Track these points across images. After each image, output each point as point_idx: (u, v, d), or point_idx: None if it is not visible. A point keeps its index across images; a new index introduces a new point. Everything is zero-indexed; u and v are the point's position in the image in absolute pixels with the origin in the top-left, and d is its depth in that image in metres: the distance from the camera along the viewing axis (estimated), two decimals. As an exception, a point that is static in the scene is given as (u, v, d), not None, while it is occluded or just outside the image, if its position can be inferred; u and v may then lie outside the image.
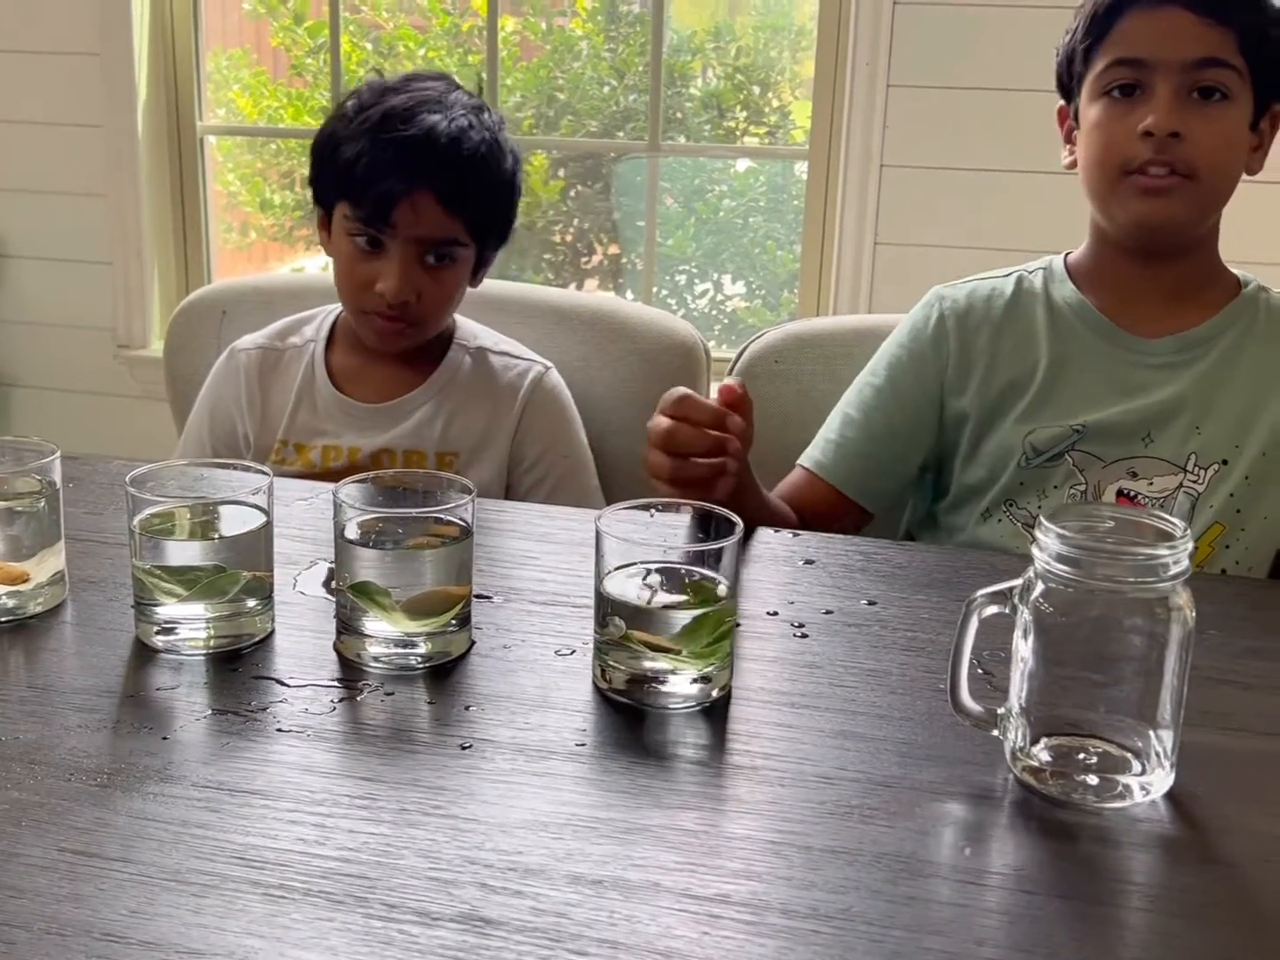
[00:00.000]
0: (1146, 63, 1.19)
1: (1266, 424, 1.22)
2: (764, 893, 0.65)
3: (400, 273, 1.36)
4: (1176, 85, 1.18)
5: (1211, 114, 1.19)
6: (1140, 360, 1.25)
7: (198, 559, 0.90)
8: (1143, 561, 0.72)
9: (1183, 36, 1.18)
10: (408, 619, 0.87)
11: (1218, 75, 1.18)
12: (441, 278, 1.40)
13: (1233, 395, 1.23)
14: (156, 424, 2.06)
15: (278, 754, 0.77)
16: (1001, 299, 1.31)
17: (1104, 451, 1.24)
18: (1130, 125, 1.19)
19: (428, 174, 1.34)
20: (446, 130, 1.34)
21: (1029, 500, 1.25)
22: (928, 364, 1.31)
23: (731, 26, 3.40)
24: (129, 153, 2.80)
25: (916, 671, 0.89)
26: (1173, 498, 1.22)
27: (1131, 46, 1.20)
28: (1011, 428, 1.26)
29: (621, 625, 0.83)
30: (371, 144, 1.34)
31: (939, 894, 0.66)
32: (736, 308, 3.57)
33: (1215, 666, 0.90)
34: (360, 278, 1.39)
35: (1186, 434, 1.23)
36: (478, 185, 1.37)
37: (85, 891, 0.64)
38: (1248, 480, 1.22)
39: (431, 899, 0.64)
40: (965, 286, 1.33)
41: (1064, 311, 1.28)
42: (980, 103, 2.43)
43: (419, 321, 1.41)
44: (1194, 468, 1.22)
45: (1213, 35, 1.18)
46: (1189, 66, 1.18)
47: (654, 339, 1.54)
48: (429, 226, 1.36)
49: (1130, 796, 0.74)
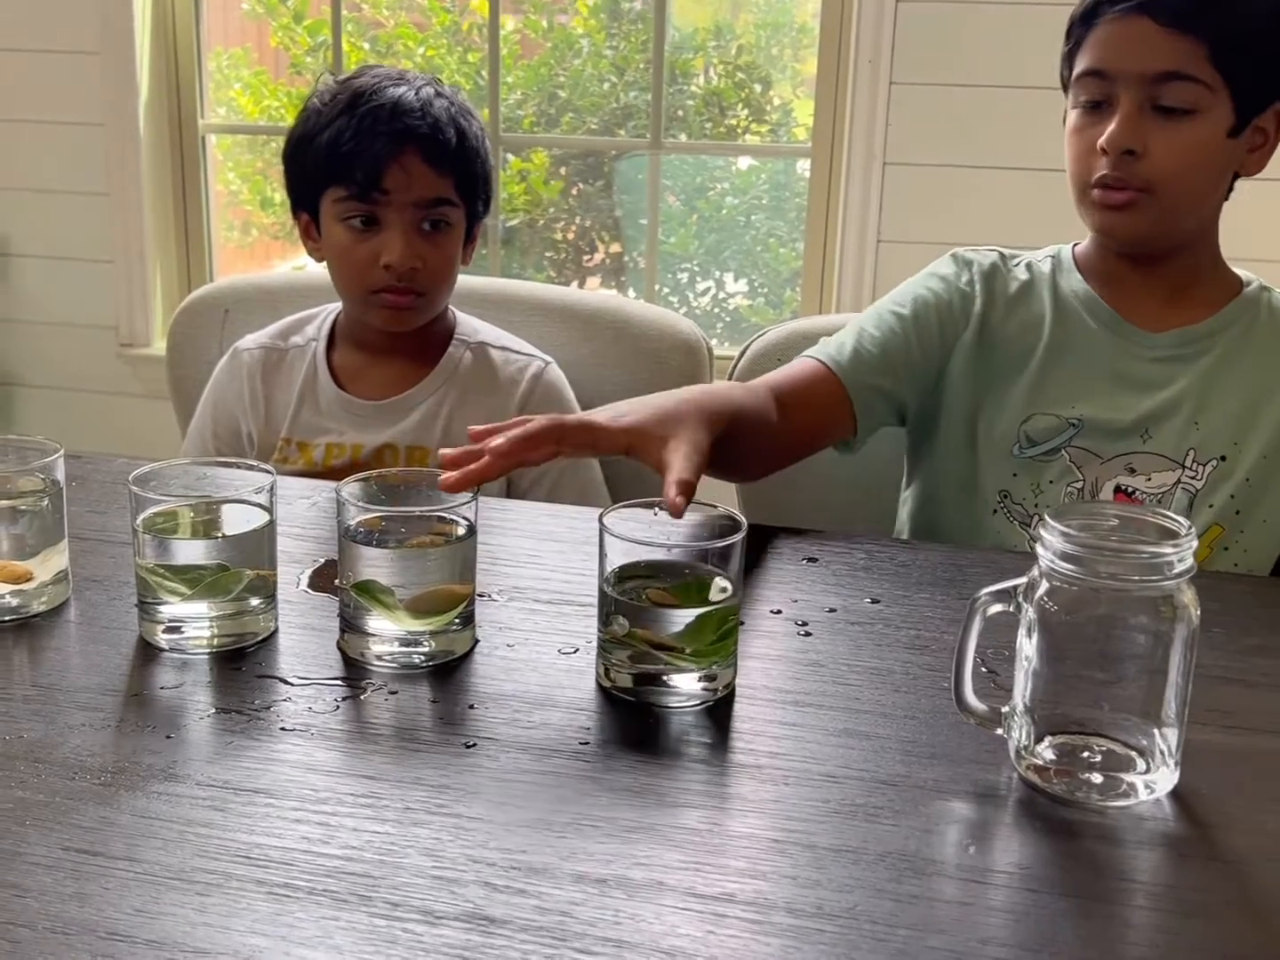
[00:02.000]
0: (1109, 75, 1.17)
1: (1267, 425, 1.22)
2: (769, 891, 0.65)
3: (403, 240, 1.39)
4: (1138, 99, 1.16)
5: (1174, 128, 1.16)
6: (1142, 353, 1.25)
7: (201, 558, 0.90)
8: (1147, 560, 0.72)
9: (1145, 48, 1.15)
10: (411, 618, 0.87)
11: (1180, 90, 1.14)
12: (440, 243, 1.42)
13: (1232, 392, 1.23)
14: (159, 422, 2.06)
15: (282, 753, 0.77)
16: (1016, 281, 1.30)
17: (1101, 447, 1.23)
18: (1091, 139, 1.18)
19: (410, 134, 1.38)
20: (416, 97, 1.40)
21: (1024, 495, 1.25)
22: (954, 313, 1.28)
23: (733, 24, 3.39)
24: (131, 152, 2.80)
25: (920, 670, 0.89)
26: (1170, 493, 1.22)
27: (1097, 57, 1.18)
28: (1007, 410, 1.26)
29: (625, 624, 0.83)
30: (349, 120, 1.38)
31: (944, 892, 0.66)
32: (739, 305, 3.57)
33: (1220, 664, 0.90)
34: (361, 259, 1.40)
35: (1185, 429, 1.22)
36: (458, 141, 1.41)
37: (90, 890, 0.64)
38: (1248, 482, 1.21)
39: (436, 898, 0.64)
40: (989, 255, 1.32)
41: (1070, 299, 1.28)
42: (982, 100, 2.43)
43: (426, 290, 1.42)
44: (1192, 463, 1.22)
45: (1178, 46, 1.14)
46: (1149, 80, 1.15)
47: (657, 337, 1.54)
48: (422, 187, 1.39)
49: (1135, 795, 0.74)
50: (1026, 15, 2.37)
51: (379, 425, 1.44)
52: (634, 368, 1.54)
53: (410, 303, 1.42)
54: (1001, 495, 1.26)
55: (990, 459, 1.26)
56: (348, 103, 1.39)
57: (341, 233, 1.41)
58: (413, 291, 1.41)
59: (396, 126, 1.37)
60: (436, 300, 1.45)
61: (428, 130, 1.38)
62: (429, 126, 1.38)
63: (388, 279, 1.39)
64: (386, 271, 1.39)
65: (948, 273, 1.31)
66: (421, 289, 1.41)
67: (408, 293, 1.40)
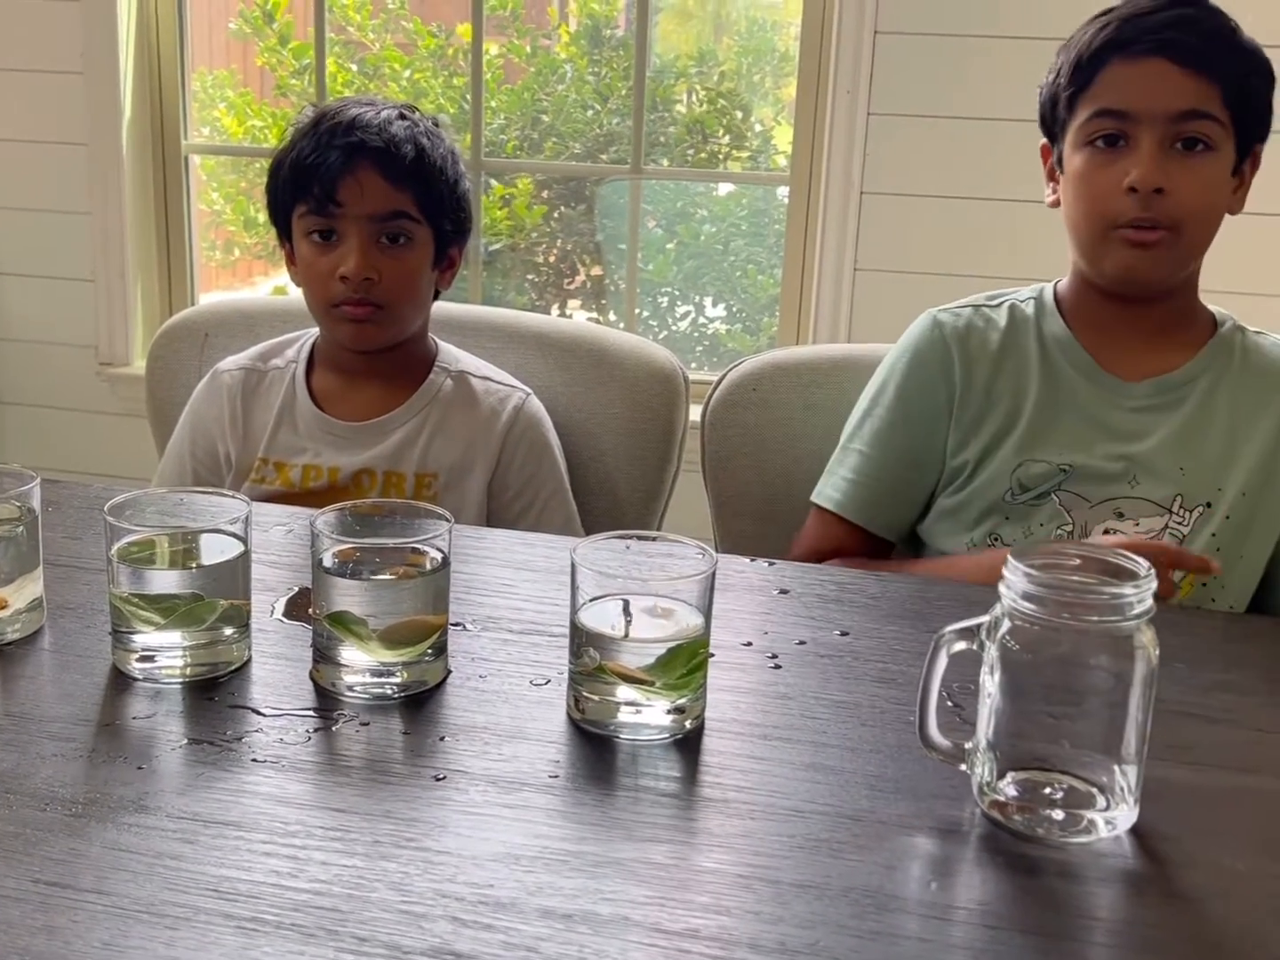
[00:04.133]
0: (1130, 114, 1.19)
1: (1244, 464, 1.24)
2: (733, 927, 0.66)
3: (358, 251, 1.40)
4: (1160, 137, 1.18)
5: (1194, 165, 1.19)
6: (1121, 403, 1.26)
7: (175, 587, 0.91)
8: (1107, 600, 0.73)
9: (1166, 88, 1.18)
10: (384, 648, 0.88)
11: (1201, 127, 1.18)
12: (400, 257, 1.43)
13: (1213, 438, 1.24)
14: (138, 441, 2.06)
15: (252, 785, 0.77)
16: (997, 331, 1.30)
17: (1090, 492, 1.25)
18: (1114, 178, 1.19)
19: (362, 148, 1.40)
20: (376, 117, 1.42)
21: (1014, 537, 1.25)
22: (938, 390, 1.30)
23: (715, 51, 3.42)
24: (113, 171, 2.81)
25: (887, 704, 0.90)
26: (1158, 538, 1.23)
27: (1115, 98, 1.20)
28: (1001, 460, 1.27)
29: (596, 656, 0.84)
30: (310, 139, 1.42)
31: (905, 929, 0.67)
32: (717, 331, 3.59)
33: (1182, 700, 0.92)
34: (322, 272, 1.42)
35: (1171, 475, 1.24)
36: (416, 157, 1.42)
37: (59, 923, 0.64)
38: (1229, 519, 1.23)
39: (403, 932, 0.64)
40: (963, 312, 1.32)
41: (1053, 348, 1.29)
42: (960, 131, 2.45)
43: (385, 304, 1.42)
44: (1179, 509, 1.23)
45: (1196, 87, 1.18)
46: (1173, 118, 1.18)
47: (633, 366, 1.55)
48: (375, 201, 1.40)
49: (1095, 831, 0.75)
50: (1004, 49, 2.40)
51: (356, 447, 1.45)
52: (610, 396, 1.55)
53: (368, 314, 1.42)
54: (992, 539, 1.27)
55: (983, 505, 1.28)
56: (312, 123, 1.43)
57: (306, 248, 1.44)
58: (370, 303, 1.41)
59: (350, 140, 1.39)
60: (399, 315, 1.45)
61: (381, 144, 1.40)
62: (383, 140, 1.40)
63: (345, 291, 1.40)
64: (344, 283, 1.40)
65: (924, 347, 1.32)
66: (379, 301, 1.42)
67: (365, 304, 1.41)
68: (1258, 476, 1.23)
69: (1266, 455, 1.24)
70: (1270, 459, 1.24)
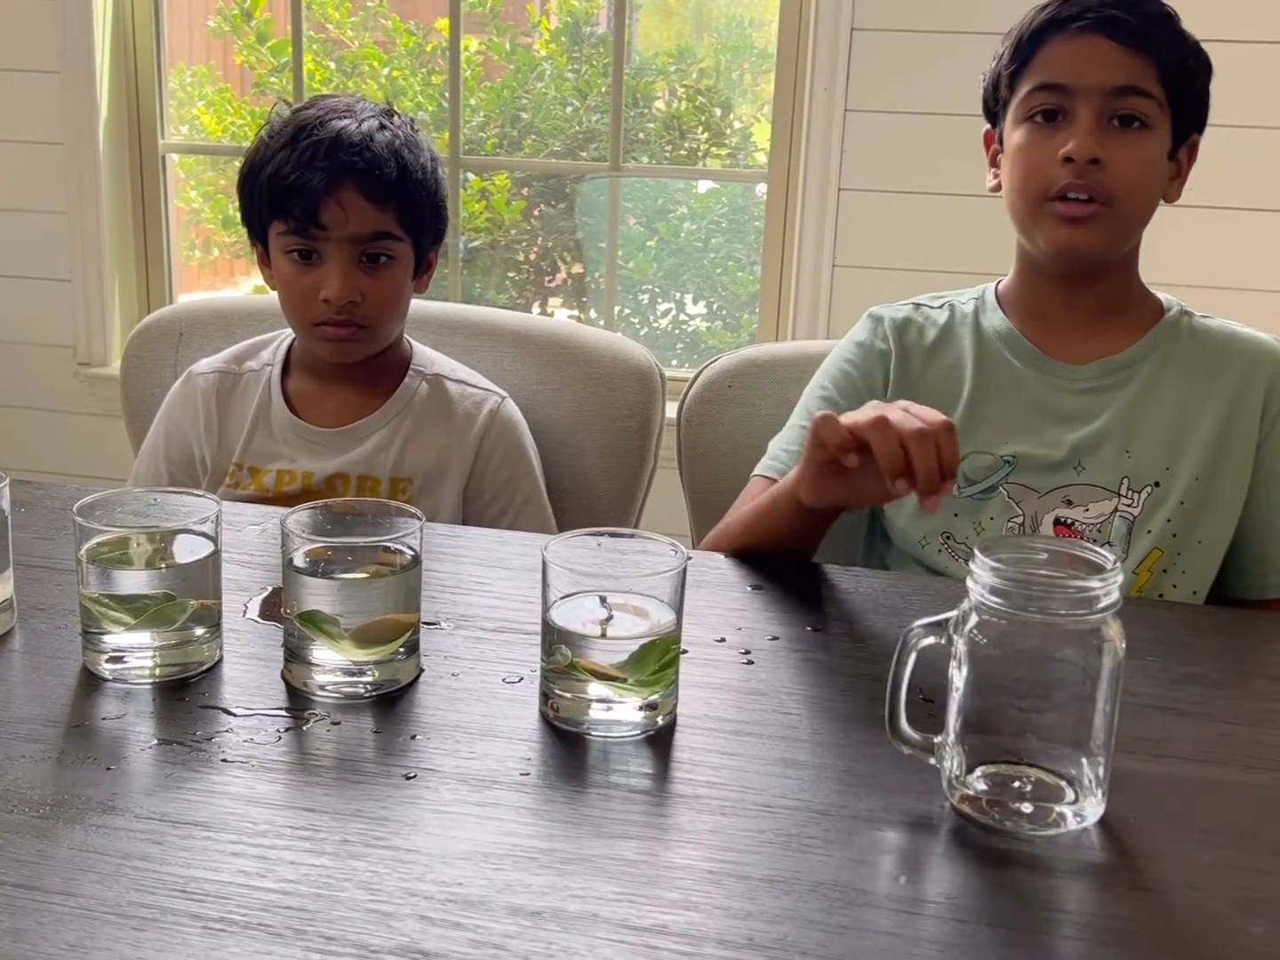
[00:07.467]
0: (1068, 88, 1.21)
1: (1195, 447, 1.25)
2: (701, 923, 0.66)
3: (340, 274, 1.38)
4: (1098, 111, 1.20)
5: (1131, 141, 1.21)
6: (1067, 386, 1.27)
7: (145, 587, 0.90)
8: (1074, 594, 0.74)
9: (1104, 63, 1.20)
10: (356, 647, 0.88)
11: (1138, 104, 1.21)
12: (383, 276, 1.41)
13: (1159, 418, 1.26)
14: (116, 442, 2.05)
15: (222, 785, 0.77)
16: (935, 327, 1.33)
17: (1037, 482, 1.26)
18: (1052, 150, 1.21)
19: (347, 170, 1.37)
20: (357, 130, 1.39)
21: (966, 534, 1.26)
22: (874, 373, 1.32)
23: (694, 48, 3.42)
24: (90, 170, 2.79)
25: (858, 698, 0.90)
26: (1109, 522, 1.24)
27: (1054, 72, 1.22)
28: None
29: (568, 654, 0.84)
30: (290, 154, 1.38)
31: (874, 923, 0.67)
32: (697, 328, 3.59)
33: (1152, 693, 0.92)
34: (302, 292, 1.40)
35: (1117, 458, 1.25)
36: (399, 175, 1.40)
37: (25, 925, 0.64)
38: (1183, 504, 1.24)
39: (371, 931, 0.64)
40: (902, 309, 1.35)
41: (992, 339, 1.31)
42: (936, 127, 2.46)
43: (369, 324, 1.41)
44: (1127, 491, 1.24)
45: (1133, 64, 1.20)
46: (1110, 93, 1.20)
47: (609, 363, 1.55)
48: (359, 222, 1.38)
49: (1064, 824, 0.76)
50: (980, 44, 2.39)
51: (331, 452, 1.44)
52: (586, 393, 1.55)
53: (351, 335, 1.41)
54: (945, 536, 1.27)
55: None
56: (291, 135, 1.39)
57: (285, 265, 1.41)
58: (353, 324, 1.40)
59: (334, 162, 1.36)
60: (381, 332, 1.44)
61: (365, 165, 1.37)
62: (366, 161, 1.37)
63: (328, 312, 1.39)
64: (326, 305, 1.38)
65: (863, 337, 1.35)
66: (363, 322, 1.41)
67: (348, 325, 1.40)
68: (1209, 460, 1.24)
69: (1217, 438, 1.25)
70: (1221, 442, 1.25)
